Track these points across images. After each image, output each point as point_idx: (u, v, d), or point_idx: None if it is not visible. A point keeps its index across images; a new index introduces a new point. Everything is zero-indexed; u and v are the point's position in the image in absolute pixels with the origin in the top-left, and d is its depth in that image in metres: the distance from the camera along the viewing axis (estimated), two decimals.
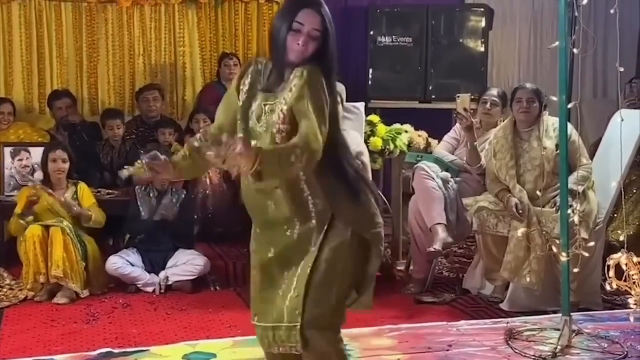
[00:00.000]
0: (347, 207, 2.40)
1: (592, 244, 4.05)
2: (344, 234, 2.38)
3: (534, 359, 3.58)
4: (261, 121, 2.37)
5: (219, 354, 3.61)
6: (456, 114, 4.67)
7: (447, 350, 3.69)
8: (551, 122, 4.41)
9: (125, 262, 4.72)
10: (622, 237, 3.90)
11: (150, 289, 4.70)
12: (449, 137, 5.00)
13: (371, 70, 6.50)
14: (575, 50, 3.71)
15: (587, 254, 3.78)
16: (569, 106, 3.70)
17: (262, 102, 2.38)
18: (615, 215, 4.93)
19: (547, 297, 4.29)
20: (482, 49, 6.47)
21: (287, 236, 2.39)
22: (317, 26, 2.33)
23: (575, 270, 3.74)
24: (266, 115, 2.36)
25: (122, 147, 5.51)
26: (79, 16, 6.12)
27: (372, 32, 6.49)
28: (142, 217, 4.89)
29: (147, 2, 6.19)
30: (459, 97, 4.64)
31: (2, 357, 3.64)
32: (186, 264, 4.77)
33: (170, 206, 4.91)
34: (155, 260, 4.79)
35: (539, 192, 4.31)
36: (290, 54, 2.34)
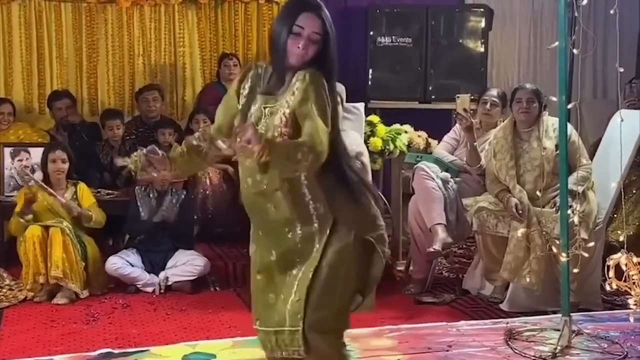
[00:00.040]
0: (349, 210, 2.39)
1: (592, 244, 4.05)
2: (346, 237, 2.37)
3: (534, 359, 3.58)
4: (260, 124, 2.36)
5: (219, 354, 3.61)
6: (456, 115, 4.67)
7: (447, 350, 3.69)
8: (551, 123, 4.40)
9: (125, 263, 4.71)
10: (622, 238, 3.89)
11: (150, 289, 4.70)
12: (448, 138, 5.00)
13: (371, 70, 6.49)
14: (575, 50, 3.72)
15: (587, 255, 3.78)
16: (569, 106, 3.70)
17: (262, 105, 2.37)
18: (615, 215, 4.93)
19: (547, 298, 4.29)
20: (482, 49, 6.47)
21: (289, 239, 2.38)
22: (317, 29, 2.32)
23: (575, 270, 3.74)
24: (266, 118, 2.36)
25: (122, 148, 5.49)
26: (79, 16, 6.11)
27: (371, 33, 6.48)
28: (142, 218, 4.88)
29: (147, 2, 6.18)
30: (458, 97, 4.64)
31: (2, 357, 3.64)
32: (186, 264, 4.77)
33: (170, 207, 4.91)
34: (155, 260, 4.79)
35: (538, 192, 4.31)
36: (290, 58, 2.34)
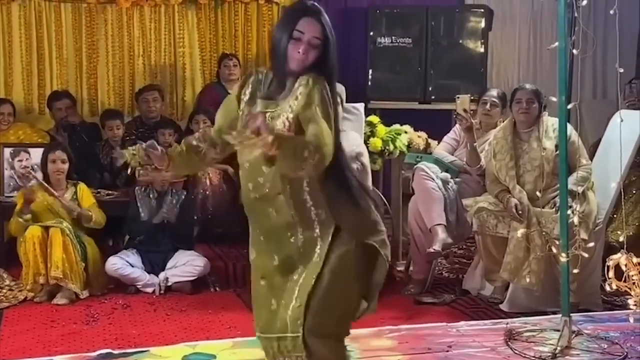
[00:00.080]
0: (350, 214, 2.39)
1: (591, 244, 4.05)
2: (347, 243, 2.37)
3: (534, 359, 3.58)
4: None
5: (219, 355, 3.61)
6: (456, 115, 4.67)
7: (447, 351, 3.69)
8: (551, 123, 4.40)
9: (125, 263, 4.71)
10: (621, 238, 3.89)
11: (150, 289, 4.70)
12: (448, 138, 5.00)
13: (371, 71, 6.49)
14: (574, 51, 3.72)
15: (586, 255, 3.78)
16: (569, 107, 3.70)
17: (263, 109, 2.36)
18: (614, 216, 4.93)
19: (547, 298, 4.29)
20: (482, 49, 6.47)
21: (291, 243, 2.38)
22: (317, 34, 2.33)
23: (575, 271, 3.74)
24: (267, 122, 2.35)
25: (121, 148, 5.48)
26: (79, 17, 6.11)
27: (371, 33, 6.48)
28: (142, 219, 4.88)
29: (147, 3, 6.19)
30: (458, 98, 4.64)
31: (2, 357, 3.64)
32: (186, 264, 4.76)
33: (171, 207, 4.90)
34: (155, 261, 4.79)
35: (538, 192, 4.31)
36: (291, 63, 2.35)
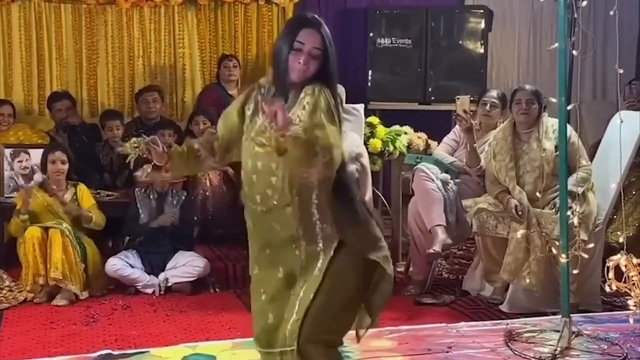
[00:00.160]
0: (353, 230, 2.40)
1: (591, 245, 4.05)
2: (349, 259, 2.37)
3: None
4: (264, 139, 2.36)
5: (219, 355, 3.61)
6: (456, 116, 4.67)
7: (447, 351, 3.69)
8: (551, 124, 4.40)
9: (124, 264, 4.71)
10: (621, 239, 3.87)
11: (149, 290, 4.69)
12: (448, 139, 5.00)
13: (370, 71, 6.49)
14: (574, 52, 3.71)
15: (586, 256, 3.78)
16: (569, 108, 3.71)
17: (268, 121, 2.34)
18: (614, 216, 4.93)
19: (547, 299, 4.29)
20: (482, 50, 6.47)
21: (296, 255, 2.38)
22: (317, 45, 2.35)
23: (574, 271, 3.74)
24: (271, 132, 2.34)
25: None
26: (79, 18, 6.11)
27: (371, 34, 6.48)
28: (142, 220, 4.87)
29: (147, 3, 6.19)
30: (458, 98, 4.65)
31: (2, 358, 3.64)
32: (186, 265, 4.76)
33: (172, 208, 4.89)
34: (155, 261, 4.79)
35: (538, 193, 4.30)
36: (292, 74, 2.36)
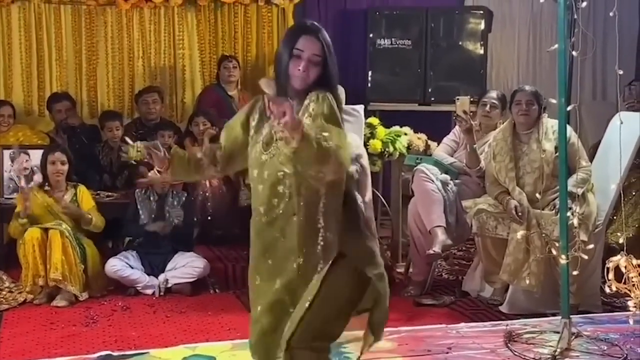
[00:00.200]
0: (354, 242, 2.41)
1: (591, 246, 4.04)
2: (345, 271, 2.38)
3: None
4: (270, 148, 2.37)
5: (219, 356, 3.61)
6: (455, 117, 4.67)
7: (447, 352, 3.69)
8: (550, 125, 4.40)
9: (124, 265, 4.71)
10: (621, 240, 3.87)
11: (149, 291, 4.69)
12: (448, 140, 5.00)
13: (370, 72, 6.49)
14: (574, 52, 3.72)
15: (586, 257, 3.78)
16: (569, 109, 3.71)
17: (273, 129, 2.35)
18: (614, 217, 4.93)
19: (547, 300, 4.29)
20: (482, 51, 6.47)
21: (294, 268, 2.38)
22: (317, 52, 2.37)
23: (574, 272, 3.74)
24: (277, 141, 2.34)
25: (121, 149, 5.48)
26: (79, 19, 6.12)
27: (371, 35, 6.49)
28: (142, 221, 4.86)
29: (147, 4, 6.19)
30: (458, 99, 4.65)
31: (2, 359, 3.64)
32: (186, 266, 4.76)
33: (175, 210, 4.89)
34: (154, 262, 4.79)
35: (538, 194, 4.31)
36: (293, 81, 2.38)
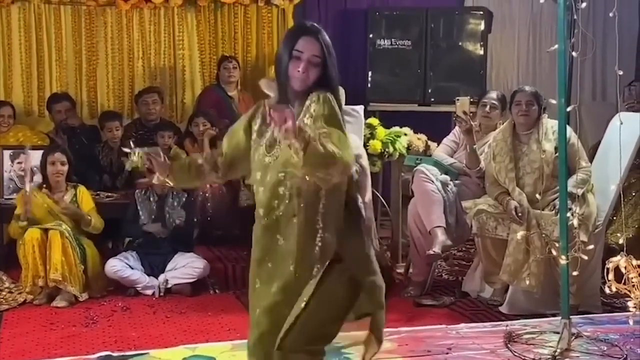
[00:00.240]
0: (352, 247, 2.41)
1: (591, 247, 4.04)
2: (341, 277, 2.38)
3: None
4: (273, 150, 2.37)
5: (218, 357, 3.61)
6: (455, 117, 4.67)
7: (447, 353, 3.69)
8: (550, 125, 4.41)
9: (124, 265, 4.71)
10: (621, 240, 3.88)
11: (149, 292, 4.69)
12: (448, 140, 5.00)
13: (370, 73, 6.50)
14: (574, 53, 3.72)
15: (586, 257, 3.78)
16: (568, 109, 3.71)
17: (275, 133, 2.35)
18: (614, 218, 4.93)
19: (547, 300, 4.29)
20: (482, 52, 6.47)
21: (291, 270, 2.38)
22: (316, 53, 2.37)
23: (574, 273, 3.75)
24: (280, 143, 2.34)
25: (121, 150, 5.48)
26: (78, 19, 6.12)
27: (371, 35, 6.49)
28: (142, 222, 4.86)
29: (147, 5, 6.19)
30: (458, 100, 4.65)
31: None
32: (185, 267, 4.76)
33: (176, 211, 4.89)
34: (154, 263, 4.78)
35: (538, 195, 4.31)
36: (293, 82, 2.38)
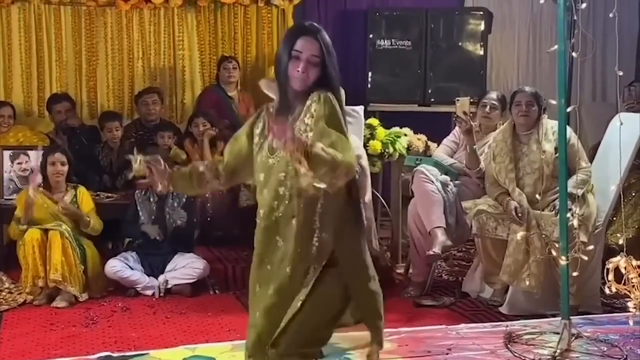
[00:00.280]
0: (350, 251, 2.41)
1: (591, 247, 4.04)
2: (336, 281, 2.39)
3: None
4: (276, 151, 2.36)
5: (218, 357, 3.61)
6: (455, 118, 4.67)
7: (447, 353, 3.69)
8: (550, 126, 4.41)
9: (124, 266, 4.71)
10: (621, 241, 3.88)
11: (149, 292, 4.69)
12: (448, 141, 5.00)
13: (370, 73, 6.50)
14: (574, 54, 3.71)
15: (586, 258, 3.78)
16: (568, 110, 3.71)
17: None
18: (614, 218, 4.93)
19: (547, 301, 4.29)
20: (482, 52, 6.47)
21: (286, 272, 2.38)
22: (315, 52, 2.36)
23: (574, 273, 3.75)
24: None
25: (121, 150, 5.49)
26: (78, 20, 6.12)
27: (371, 36, 6.49)
28: (141, 222, 4.86)
29: (147, 5, 6.19)
30: (458, 100, 4.65)
31: None
32: (185, 267, 4.76)
33: (176, 212, 4.89)
34: (154, 263, 4.78)
35: (538, 195, 4.30)
36: (293, 83, 2.38)
